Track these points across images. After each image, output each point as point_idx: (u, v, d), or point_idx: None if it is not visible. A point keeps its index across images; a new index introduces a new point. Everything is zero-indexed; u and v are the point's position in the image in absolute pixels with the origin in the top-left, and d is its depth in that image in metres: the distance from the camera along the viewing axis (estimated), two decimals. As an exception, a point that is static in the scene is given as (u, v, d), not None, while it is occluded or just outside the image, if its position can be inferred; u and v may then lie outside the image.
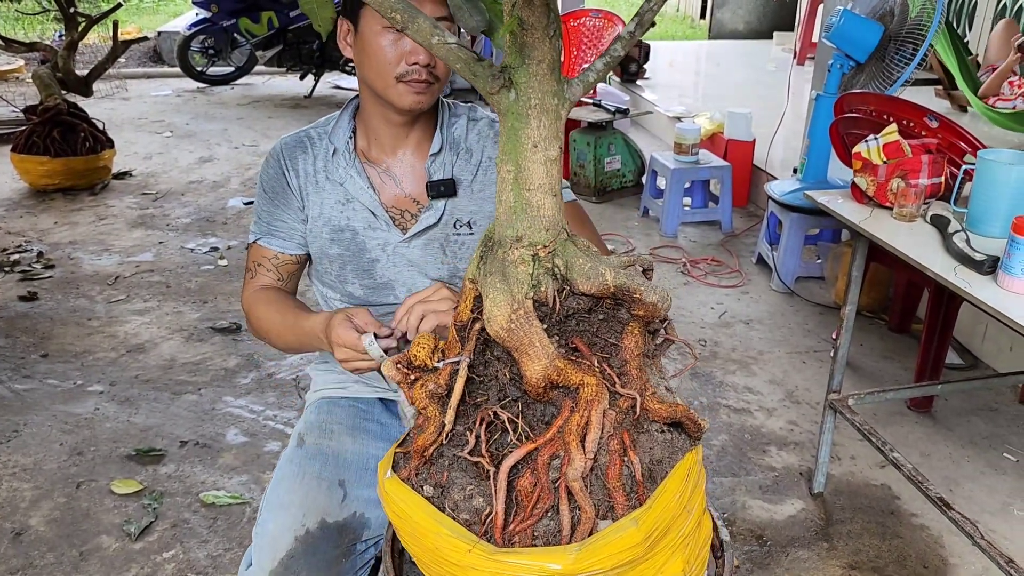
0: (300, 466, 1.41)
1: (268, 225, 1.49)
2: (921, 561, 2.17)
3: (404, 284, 1.48)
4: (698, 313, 3.57)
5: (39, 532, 2.24)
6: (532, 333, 0.90)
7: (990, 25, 5.58)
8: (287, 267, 1.51)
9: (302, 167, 1.48)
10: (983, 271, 1.74)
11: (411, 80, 1.35)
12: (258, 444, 2.63)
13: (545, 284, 0.94)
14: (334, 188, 1.47)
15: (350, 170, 1.46)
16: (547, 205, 0.92)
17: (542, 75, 0.88)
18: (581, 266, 0.94)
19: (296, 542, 1.31)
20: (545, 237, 0.93)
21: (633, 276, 0.96)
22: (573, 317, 0.97)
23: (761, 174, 4.74)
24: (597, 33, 5.77)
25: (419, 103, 1.38)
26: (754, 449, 2.63)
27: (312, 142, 1.49)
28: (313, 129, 1.51)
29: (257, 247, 1.51)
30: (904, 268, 2.22)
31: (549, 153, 0.91)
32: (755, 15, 10.62)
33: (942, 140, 2.23)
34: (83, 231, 4.50)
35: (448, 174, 1.47)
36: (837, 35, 3.18)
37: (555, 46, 0.87)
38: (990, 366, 3.08)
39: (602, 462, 0.91)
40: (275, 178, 1.49)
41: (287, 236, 1.49)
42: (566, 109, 0.91)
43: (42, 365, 3.11)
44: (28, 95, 6.73)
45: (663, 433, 0.96)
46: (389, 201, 1.48)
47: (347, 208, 1.46)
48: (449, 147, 1.48)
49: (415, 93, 1.36)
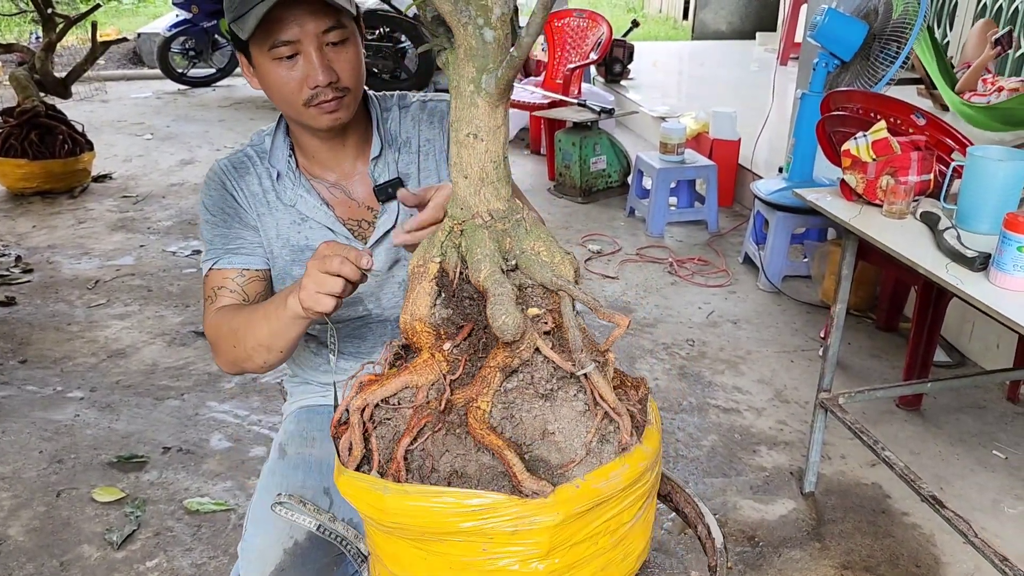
0: (284, 477, 1.38)
1: (224, 247, 1.38)
2: (913, 560, 2.16)
3: (372, 294, 1.44)
4: (685, 313, 3.56)
5: (18, 542, 2.19)
6: (418, 288, 0.95)
7: (971, 25, 5.62)
8: (253, 285, 1.38)
9: (247, 188, 1.39)
10: (975, 268, 1.73)
11: (319, 103, 1.28)
12: (243, 449, 2.59)
13: (450, 257, 0.96)
14: (287, 210, 1.39)
15: (298, 190, 1.39)
16: (459, 184, 0.95)
17: (458, 61, 0.89)
18: (475, 254, 0.94)
19: (285, 555, 1.28)
20: (459, 215, 0.96)
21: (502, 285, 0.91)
22: (474, 302, 0.96)
23: (746, 173, 4.74)
24: (581, 33, 5.76)
25: (336, 120, 1.31)
26: (744, 449, 2.62)
27: (253, 162, 1.41)
28: (250, 148, 1.43)
29: (215, 272, 1.37)
30: (892, 266, 2.22)
31: (459, 135, 0.92)
32: (737, 16, 10.66)
33: (930, 137, 2.22)
34: (62, 235, 4.43)
35: (394, 173, 1.41)
36: (822, 34, 3.18)
37: (474, 35, 0.86)
38: (977, 364, 3.09)
39: (401, 429, 0.93)
40: (222, 199, 1.39)
41: (249, 252, 1.38)
42: (484, 99, 0.90)
43: (20, 371, 3.05)
44: (5, 97, 6.63)
45: (482, 453, 0.89)
46: (344, 214, 1.42)
47: (303, 227, 1.40)
48: (388, 145, 1.42)
49: (327, 113, 1.30)
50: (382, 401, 0.94)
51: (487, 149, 0.93)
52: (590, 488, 0.87)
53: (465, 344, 0.95)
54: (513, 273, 0.96)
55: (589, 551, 0.91)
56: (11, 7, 8.36)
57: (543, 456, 0.90)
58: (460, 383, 0.93)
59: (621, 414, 0.93)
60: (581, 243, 4.32)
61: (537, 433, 0.91)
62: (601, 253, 4.21)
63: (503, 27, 0.87)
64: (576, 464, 0.89)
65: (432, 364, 0.93)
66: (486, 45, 0.87)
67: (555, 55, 5.89)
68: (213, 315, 1.34)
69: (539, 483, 0.84)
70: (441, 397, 0.91)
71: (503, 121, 0.93)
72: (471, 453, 0.89)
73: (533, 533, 0.85)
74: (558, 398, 0.93)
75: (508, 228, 0.96)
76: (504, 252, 0.96)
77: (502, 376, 0.91)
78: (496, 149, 0.93)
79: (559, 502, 0.85)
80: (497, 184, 0.95)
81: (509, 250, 0.96)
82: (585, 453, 0.90)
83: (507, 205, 0.96)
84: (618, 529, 0.94)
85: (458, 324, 0.96)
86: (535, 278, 0.95)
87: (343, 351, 1.50)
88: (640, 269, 4.03)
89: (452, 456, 0.89)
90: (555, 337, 0.95)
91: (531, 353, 0.92)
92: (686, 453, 2.60)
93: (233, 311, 1.31)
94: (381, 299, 1.45)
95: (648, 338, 3.33)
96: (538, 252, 0.96)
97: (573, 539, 0.89)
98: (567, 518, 0.86)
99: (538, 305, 0.95)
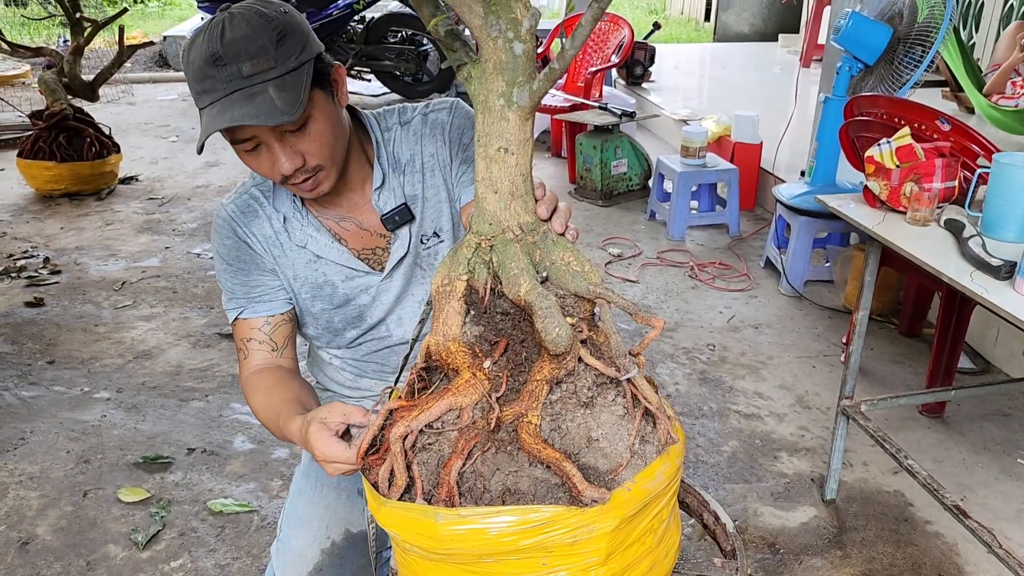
0: (317, 479, 1.40)
1: (245, 296, 1.37)
2: (936, 569, 2.15)
3: (394, 314, 1.44)
4: (706, 317, 3.55)
5: (46, 541, 2.23)
6: (447, 308, 0.95)
7: (996, 27, 5.56)
8: (280, 331, 1.38)
9: (259, 232, 1.37)
10: (1000, 276, 1.71)
11: (294, 184, 1.25)
12: (266, 451, 2.62)
13: (479, 273, 0.96)
14: (300, 251, 1.38)
15: (308, 230, 1.37)
16: (488, 200, 0.94)
17: (485, 75, 0.89)
18: (509, 269, 0.93)
19: (323, 555, 1.29)
20: (488, 230, 0.95)
21: (547, 299, 0.91)
22: (507, 317, 0.96)
23: (768, 177, 4.72)
24: (603, 36, 5.75)
25: (318, 192, 1.28)
26: (765, 455, 2.61)
27: (260, 204, 1.38)
28: (254, 188, 1.39)
29: (241, 322, 1.37)
30: (916, 272, 2.21)
31: (488, 150, 0.92)
32: (760, 17, 10.60)
33: (955, 143, 2.20)
34: (89, 236, 4.49)
35: (400, 198, 1.38)
36: (845, 37, 3.16)
37: (503, 48, 0.86)
38: (1002, 371, 3.06)
39: (446, 452, 0.92)
40: (236, 248, 1.37)
41: (271, 298, 1.38)
42: (515, 112, 0.89)
43: (48, 372, 3.10)
44: (34, 100, 6.74)
45: (534, 468, 0.89)
46: (358, 245, 1.40)
47: (319, 265, 1.38)
48: (392, 169, 1.38)
49: (308, 191, 1.27)
50: (425, 427, 0.93)
51: (517, 163, 0.93)
52: (640, 489, 0.89)
53: (503, 360, 0.95)
54: (545, 285, 0.97)
55: (639, 552, 0.93)
56: (40, 11, 8.47)
57: (591, 463, 0.91)
58: (504, 399, 0.93)
59: (665, 414, 0.94)
60: (601, 246, 4.32)
61: (583, 441, 0.92)
62: (622, 257, 4.21)
63: (531, 40, 0.88)
64: (624, 467, 0.91)
65: (475, 383, 0.92)
66: (516, 59, 0.87)
67: (576, 58, 5.88)
68: (246, 379, 1.34)
69: (598, 491, 0.85)
70: (489, 416, 0.90)
71: (531, 134, 0.93)
72: (523, 469, 0.89)
73: (592, 541, 0.86)
74: (597, 404, 0.94)
75: (537, 241, 0.97)
76: (535, 265, 0.96)
77: (548, 388, 0.91)
78: (525, 162, 0.94)
79: (615, 507, 0.86)
80: (526, 197, 0.95)
81: (539, 262, 0.96)
82: (630, 456, 0.92)
83: (535, 218, 0.97)
84: (659, 527, 0.96)
85: (491, 340, 0.96)
86: (567, 288, 0.96)
87: (365, 371, 1.51)
88: (661, 273, 4.02)
89: (504, 474, 0.89)
90: (590, 345, 0.96)
91: (575, 363, 0.93)
92: (706, 459, 2.59)
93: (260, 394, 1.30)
94: (403, 319, 1.44)
95: (668, 342, 3.33)
96: (568, 262, 0.97)
97: (627, 542, 0.90)
98: (622, 522, 0.87)
99: (571, 314, 0.96)
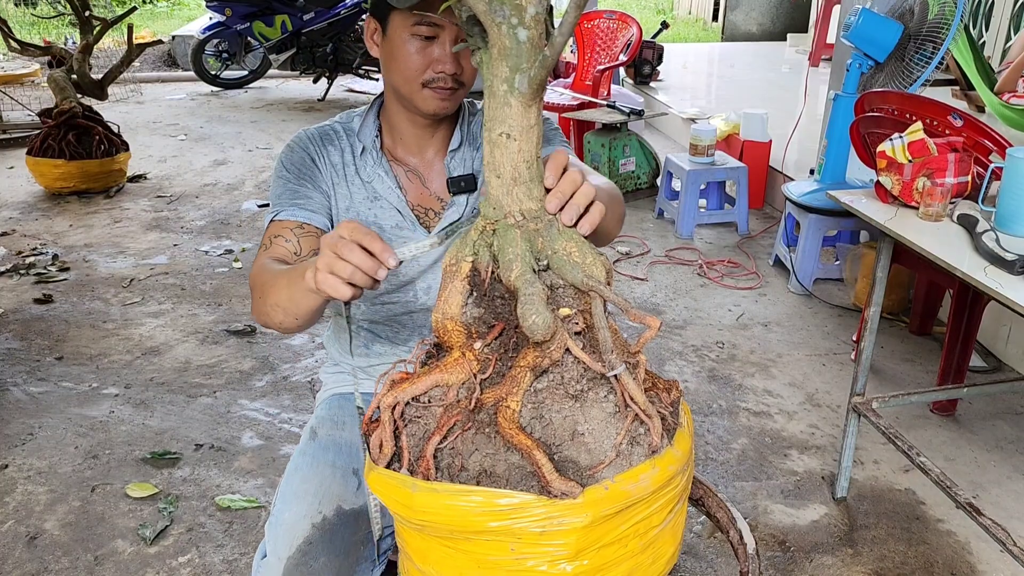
0: (314, 456, 1.40)
1: (291, 201, 1.39)
2: (949, 568, 2.13)
3: (424, 281, 1.47)
4: (715, 315, 3.54)
5: (54, 536, 2.23)
6: (451, 287, 0.96)
7: (1007, 25, 5.52)
8: (310, 240, 1.35)
9: (328, 157, 1.45)
10: (1014, 271, 1.70)
11: (437, 87, 1.33)
12: (273, 447, 2.61)
13: (483, 256, 0.96)
14: (362, 185, 1.44)
15: (378, 169, 1.44)
16: (492, 184, 0.95)
17: (491, 60, 0.90)
18: (506, 254, 0.94)
19: (313, 529, 1.29)
20: (492, 214, 0.96)
21: (533, 285, 0.90)
22: (505, 302, 0.96)
23: (777, 175, 4.70)
24: (611, 34, 5.74)
25: (444, 108, 1.37)
26: (775, 453, 2.59)
27: (338, 136, 1.46)
28: (338, 123, 1.48)
29: (276, 223, 1.37)
30: (927, 269, 2.19)
31: (491, 134, 0.93)
32: (768, 17, 10.57)
33: (967, 139, 2.19)
34: (98, 234, 4.50)
35: (469, 169, 1.46)
36: (856, 35, 3.14)
37: (507, 34, 0.86)
38: (1014, 369, 3.03)
39: (431, 427, 0.92)
40: (302, 161, 1.43)
41: (313, 209, 1.39)
42: (517, 98, 0.90)
43: (57, 368, 3.10)
44: (43, 99, 6.77)
45: (511, 453, 0.88)
46: (415, 200, 1.46)
47: (375, 206, 1.44)
48: (468, 143, 1.47)
49: (440, 99, 1.35)
50: (412, 399, 0.95)
51: (520, 149, 0.93)
52: (619, 490, 0.87)
53: (495, 343, 0.95)
54: (545, 273, 0.96)
55: (618, 554, 0.91)
56: (50, 10, 8.51)
57: (572, 457, 0.90)
58: (490, 382, 0.93)
59: (651, 416, 0.92)
60: (610, 244, 4.31)
61: (567, 434, 0.91)
62: (630, 255, 4.19)
63: (537, 27, 0.87)
64: (606, 466, 0.89)
65: (463, 363, 0.94)
66: (520, 45, 0.87)
67: (584, 56, 5.87)
68: (261, 262, 1.32)
69: (568, 484, 0.84)
70: (471, 396, 0.91)
71: (536, 121, 0.93)
72: (500, 453, 0.89)
73: (561, 534, 0.85)
74: (588, 399, 0.92)
75: (540, 228, 0.96)
76: (536, 252, 0.95)
77: (532, 376, 0.91)
78: (529, 149, 0.93)
79: (588, 503, 0.85)
80: (530, 184, 0.95)
81: (541, 250, 0.96)
82: (615, 455, 0.90)
83: (539, 205, 0.96)
84: (647, 532, 0.93)
85: (489, 323, 0.96)
86: (566, 278, 0.95)
87: (379, 335, 1.53)
88: (669, 271, 4.01)
89: (481, 455, 0.89)
90: (586, 338, 0.95)
91: (561, 353, 0.92)
92: (716, 456, 2.58)
93: (273, 264, 1.30)
94: (432, 287, 1.46)
95: (678, 340, 3.31)
96: (570, 253, 0.96)
97: (602, 541, 0.88)
98: (596, 520, 0.85)
99: (569, 306, 0.95)
